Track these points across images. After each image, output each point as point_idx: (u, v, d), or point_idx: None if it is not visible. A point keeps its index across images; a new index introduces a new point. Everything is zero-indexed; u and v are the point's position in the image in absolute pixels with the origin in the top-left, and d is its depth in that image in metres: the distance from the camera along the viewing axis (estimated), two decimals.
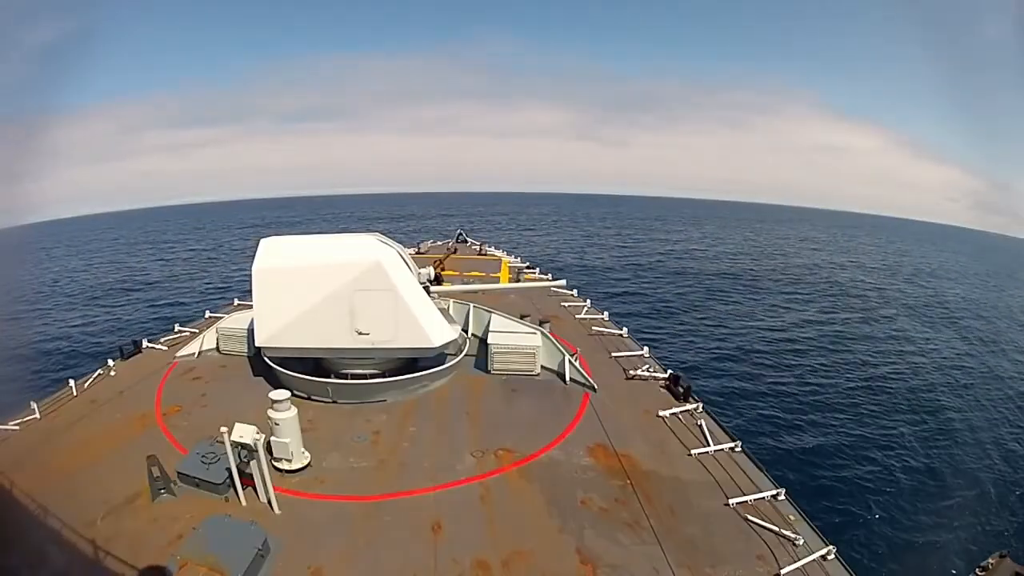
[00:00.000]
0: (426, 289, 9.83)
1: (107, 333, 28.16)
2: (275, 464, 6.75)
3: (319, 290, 8.79)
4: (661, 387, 9.62)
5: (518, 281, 18.81)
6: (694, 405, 8.74)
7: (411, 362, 9.63)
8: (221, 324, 11.31)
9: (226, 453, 5.97)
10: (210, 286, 39.47)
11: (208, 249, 64.79)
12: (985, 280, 61.46)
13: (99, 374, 9.90)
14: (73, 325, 30.10)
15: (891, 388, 22.05)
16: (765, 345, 26.62)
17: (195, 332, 12.01)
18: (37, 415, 8.26)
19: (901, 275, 57.99)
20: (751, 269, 51.82)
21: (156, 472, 6.20)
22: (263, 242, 9.35)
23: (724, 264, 54.05)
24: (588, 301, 15.34)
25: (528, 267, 22.78)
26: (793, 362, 24.38)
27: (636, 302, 34.49)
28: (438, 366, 9.52)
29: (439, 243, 29.42)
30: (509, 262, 23.68)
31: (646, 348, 11.39)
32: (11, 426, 7.97)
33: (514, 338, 10.20)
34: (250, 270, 8.98)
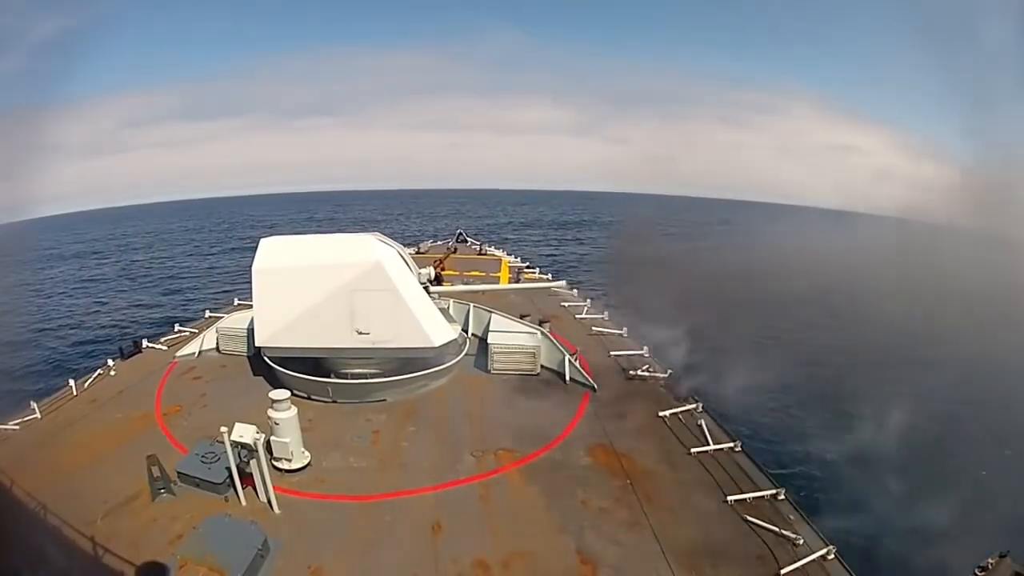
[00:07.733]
0: (426, 289, 9.83)
1: (107, 332, 28.12)
2: (275, 464, 6.75)
3: (319, 290, 8.78)
4: (661, 387, 9.62)
5: (518, 281, 18.81)
6: (694, 405, 8.73)
7: (411, 362, 9.64)
8: (221, 324, 11.31)
9: (226, 453, 5.98)
10: (209, 285, 39.40)
11: (202, 251, 64.52)
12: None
13: (99, 374, 9.90)
14: (72, 325, 30.06)
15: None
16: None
17: (195, 332, 12.01)
18: (37, 415, 8.27)
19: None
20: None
21: (156, 472, 6.21)
22: (263, 242, 9.34)
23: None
24: (588, 301, 15.33)
25: (528, 267, 22.78)
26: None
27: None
28: (438, 366, 9.52)
29: (439, 243, 29.42)
30: (509, 262, 23.66)
31: (646, 348, 11.36)
32: (11, 426, 7.98)
33: (514, 338, 10.20)
34: (249, 269, 8.99)
